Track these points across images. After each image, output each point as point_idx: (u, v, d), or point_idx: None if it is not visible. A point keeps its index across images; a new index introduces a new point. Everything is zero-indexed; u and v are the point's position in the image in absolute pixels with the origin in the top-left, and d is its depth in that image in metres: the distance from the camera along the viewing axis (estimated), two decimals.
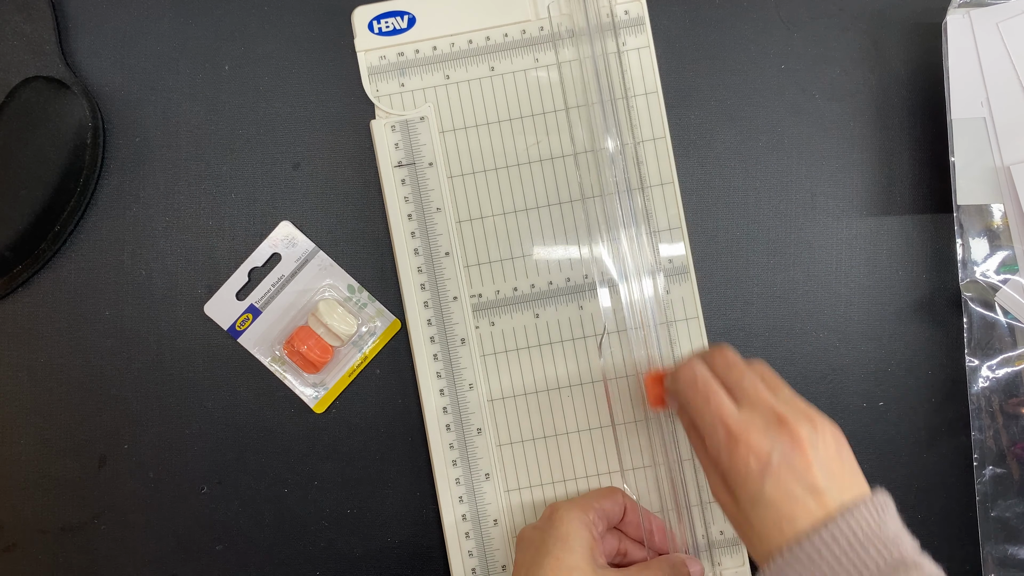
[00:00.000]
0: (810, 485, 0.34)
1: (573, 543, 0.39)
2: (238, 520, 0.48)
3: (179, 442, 0.47)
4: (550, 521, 0.41)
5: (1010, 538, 0.46)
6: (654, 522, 0.45)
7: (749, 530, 0.35)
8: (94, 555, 0.47)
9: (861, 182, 0.49)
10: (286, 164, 0.48)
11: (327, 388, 0.47)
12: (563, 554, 0.39)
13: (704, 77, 0.49)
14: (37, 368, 0.47)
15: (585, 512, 0.41)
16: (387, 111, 0.48)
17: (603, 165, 0.47)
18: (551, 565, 0.38)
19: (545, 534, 0.40)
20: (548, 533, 0.40)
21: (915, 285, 0.48)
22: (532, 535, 0.41)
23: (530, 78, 0.48)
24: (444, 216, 0.47)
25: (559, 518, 0.40)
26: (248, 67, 0.48)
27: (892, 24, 0.49)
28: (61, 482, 0.47)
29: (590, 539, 0.40)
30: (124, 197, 0.48)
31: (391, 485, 0.48)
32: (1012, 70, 0.46)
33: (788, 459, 0.34)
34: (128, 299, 0.48)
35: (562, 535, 0.40)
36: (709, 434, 0.36)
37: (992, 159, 0.46)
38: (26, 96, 0.45)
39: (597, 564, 0.40)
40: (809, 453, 0.34)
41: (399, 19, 0.47)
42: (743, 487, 0.35)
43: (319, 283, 0.47)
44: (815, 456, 0.35)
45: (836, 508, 0.34)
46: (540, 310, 0.47)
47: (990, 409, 0.46)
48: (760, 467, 0.34)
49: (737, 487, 0.35)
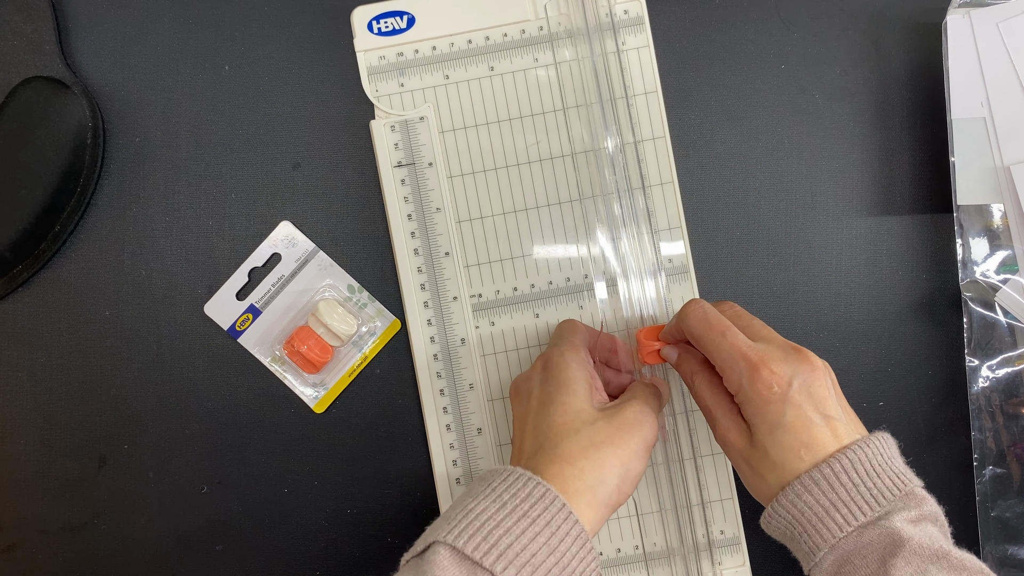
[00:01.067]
0: (826, 414, 0.36)
1: (575, 387, 0.39)
2: (238, 520, 0.48)
3: (179, 442, 0.47)
4: (547, 370, 0.41)
5: (1010, 538, 0.46)
6: (616, 341, 0.45)
7: (763, 461, 0.36)
8: (94, 555, 0.47)
9: (861, 182, 0.49)
10: (286, 164, 0.48)
11: (327, 388, 0.47)
12: (567, 398, 0.39)
13: (704, 77, 0.49)
14: (37, 368, 0.47)
15: (577, 353, 0.41)
16: (387, 111, 0.48)
17: (602, 165, 0.47)
18: (558, 411, 0.38)
19: (546, 383, 0.40)
20: (548, 380, 0.40)
21: (915, 285, 0.48)
22: (529, 386, 0.41)
23: (529, 78, 0.48)
24: (444, 216, 0.47)
25: (556, 364, 0.40)
26: (248, 67, 0.48)
27: (892, 24, 0.49)
28: (61, 482, 0.47)
29: (588, 379, 0.40)
30: (124, 197, 0.48)
31: (391, 485, 0.48)
32: (1012, 70, 0.46)
33: (807, 386, 0.36)
34: (128, 299, 0.48)
35: (563, 380, 0.39)
36: (729, 366, 0.37)
37: (992, 159, 0.46)
38: (26, 96, 0.45)
39: (595, 403, 0.40)
40: (826, 382, 0.36)
41: (398, 19, 0.47)
42: (763, 414, 0.36)
43: (319, 283, 0.48)
44: (830, 387, 0.37)
45: (848, 438, 0.36)
46: (540, 310, 0.47)
47: (990, 409, 0.46)
48: (781, 392, 0.36)
49: (756, 415, 0.36)
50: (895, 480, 0.35)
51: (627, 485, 0.37)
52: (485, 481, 0.36)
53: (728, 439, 0.38)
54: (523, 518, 0.34)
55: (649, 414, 0.39)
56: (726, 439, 0.38)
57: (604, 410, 0.39)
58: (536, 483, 0.35)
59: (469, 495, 0.35)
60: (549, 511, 0.34)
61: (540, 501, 0.34)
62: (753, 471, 0.37)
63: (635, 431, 0.38)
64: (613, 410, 0.39)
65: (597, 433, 0.37)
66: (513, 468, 0.36)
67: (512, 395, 0.42)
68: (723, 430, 0.38)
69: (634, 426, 0.38)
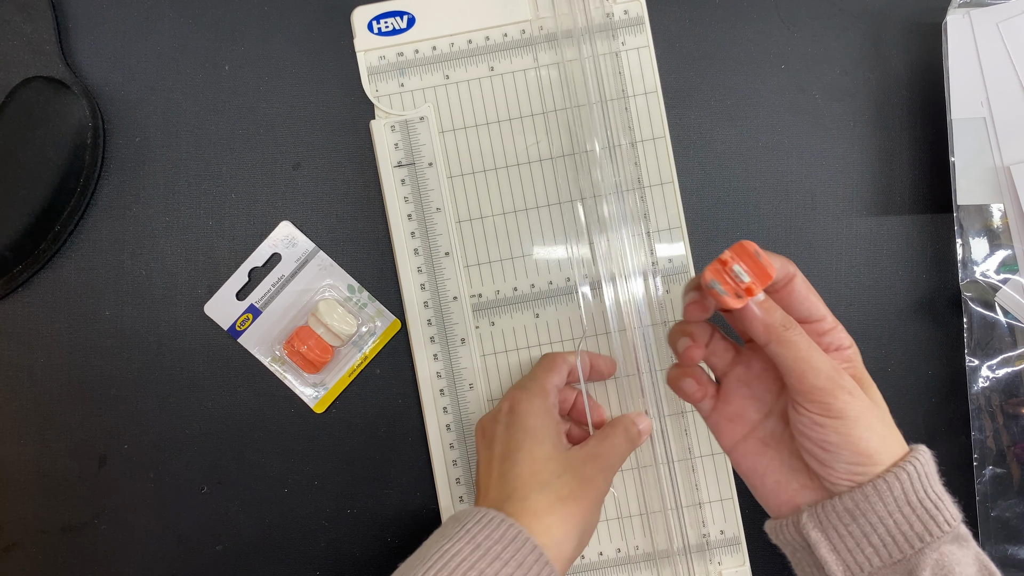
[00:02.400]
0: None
1: (542, 434, 0.40)
2: (238, 520, 0.48)
3: (179, 442, 0.47)
4: (514, 415, 0.41)
5: (1010, 538, 0.46)
6: (598, 363, 0.46)
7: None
8: (94, 555, 0.47)
9: (861, 182, 0.49)
10: (286, 164, 0.48)
11: (327, 388, 0.47)
12: (535, 446, 0.39)
13: (704, 77, 0.49)
14: (37, 368, 0.47)
15: (545, 398, 0.41)
16: (387, 111, 0.48)
17: (602, 165, 0.47)
18: (525, 459, 0.39)
19: (512, 428, 0.40)
20: (514, 426, 0.40)
21: (915, 285, 0.48)
22: (496, 429, 0.41)
23: (529, 78, 0.48)
24: (444, 216, 0.47)
25: (523, 411, 0.41)
26: (248, 67, 0.48)
27: (892, 24, 0.49)
28: (61, 482, 0.47)
29: (555, 425, 0.41)
30: (124, 197, 0.48)
31: (391, 485, 0.48)
32: (1012, 70, 0.46)
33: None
34: (128, 299, 0.48)
35: (530, 427, 0.40)
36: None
37: (992, 159, 0.46)
38: (26, 96, 0.45)
39: (564, 447, 0.40)
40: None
41: (399, 19, 0.47)
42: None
43: (319, 283, 0.48)
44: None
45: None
46: (540, 310, 0.47)
47: (990, 409, 0.46)
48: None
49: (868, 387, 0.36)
50: (934, 501, 0.33)
51: (587, 538, 0.39)
52: (459, 522, 0.37)
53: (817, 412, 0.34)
54: (496, 560, 0.35)
55: (609, 469, 0.40)
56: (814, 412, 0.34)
57: (570, 458, 0.40)
58: (509, 525, 0.36)
59: (443, 536, 0.36)
60: (521, 552, 0.35)
61: (513, 543, 0.35)
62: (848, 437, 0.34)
63: (596, 486, 0.39)
64: (579, 459, 0.40)
65: (564, 486, 0.38)
66: (487, 510, 0.37)
67: (478, 436, 0.43)
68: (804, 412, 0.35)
69: (594, 480, 0.39)
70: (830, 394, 0.33)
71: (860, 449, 0.33)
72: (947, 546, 0.33)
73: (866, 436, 0.33)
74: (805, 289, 0.36)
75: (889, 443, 0.34)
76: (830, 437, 0.33)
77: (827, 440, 0.33)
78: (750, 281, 0.33)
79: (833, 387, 0.33)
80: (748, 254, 0.33)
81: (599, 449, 0.41)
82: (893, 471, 0.33)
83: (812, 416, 0.34)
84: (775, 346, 0.34)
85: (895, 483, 0.33)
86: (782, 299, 0.36)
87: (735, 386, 0.39)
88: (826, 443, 0.34)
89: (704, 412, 0.40)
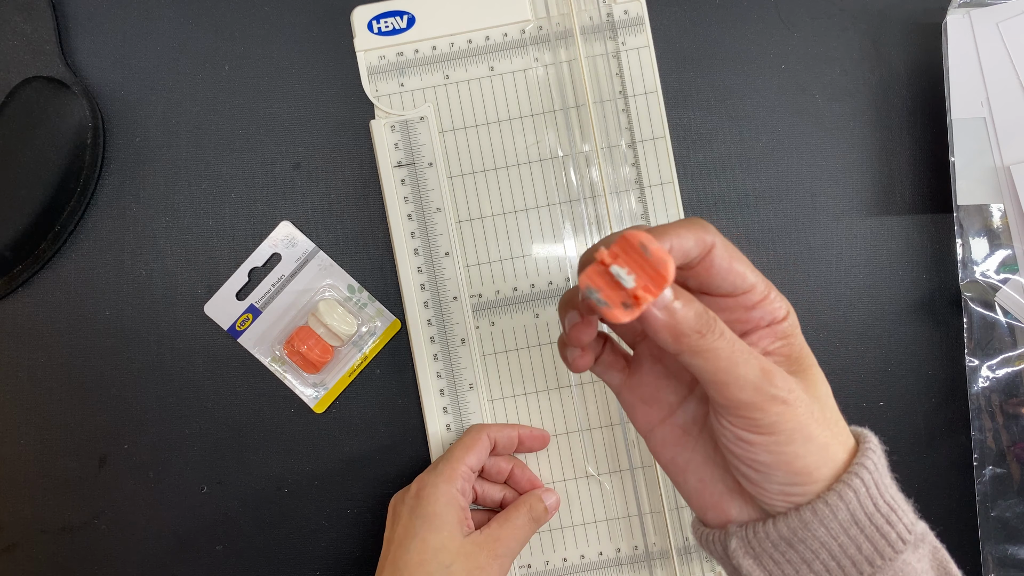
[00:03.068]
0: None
1: (439, 522, 0.39)
2: (238, 520, 0.48)
3: (179, 442, 0.47)
4: (417, 499, 0.40)
5: (1010, 538, 0.46)
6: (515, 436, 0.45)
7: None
8: (94, 555, 0.47)
9: (861, 182, 0.49)
10: (286, 164, 0.48)
11: (327, 388, 0.47)
12: (429, 535, 0.39)
13: (704, 77, 0.49)
14: (37, 368, 0.47)
15: (452, 484, 0.41)
16: (387, 111, 0.47)
17: (602, 164, 0.47)
18: (417, 548, 0.39)
19: (413, 513, 0.40)
20: (416, 512, 0.40)
21: (915, 285, 0.48)
22: (401, 511, 0.41)
23: (529, 78, 0.48)
24: (444, 216, 0.47)
25: (426, 496, 0.40)
26: (248, 67, 0.48)
27: (892, 24, 0.49)
28: (61, 482, 0.47)
29: (457, 512, 0.40)
30: (124, 197, 0.48)
31: (391, 485, 0.48)
32: (1012, 70, 0.46)
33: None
34: (128, 299, 0.48)
35: (429, 514, 0.39)
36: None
37: (992, 159, 0.46)
38: (26, 96, 0.45)
39: (464, 535, 0.40)
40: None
41: (398, 19, 0.47)
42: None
43: (319, 283, 0.47)
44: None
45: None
46: (540, 310, 0.47)
47: (990, 409, 0.46)
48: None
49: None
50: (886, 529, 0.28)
51: None
52: None
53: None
54: None
55: (506, 555, 0.40)
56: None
57: (464, 546, 0.39)
58: None
59: None
60: None
61: None
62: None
63: (489, 573, 0.39)
64: (474, 546, 0.39)
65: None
66: None
67: (389, 514, 0.43)
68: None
69: (487, 568, 0.39)
70: (758, 408, 0.27)
71: (796, 468, 0.28)
72: (902, 556, 0.28)
73: (802, 452, 0.28)
74: (728, 258, 0.29)
75: (831, 450, 0.29)
76: (759, 456, 0.28)
77: (756, 460, 0.28)
78: (635, 286, 0.25)
79: (762, 400, 0.27)
80: (632, 248, 0.25)
81: (499, 533, 0.41)
82: (836, 489, 0.28)
83: (737, 432, 0.28)
84: (688, 357, 0.27)
85: (839, 504, 0.28)
86: (699, 275, 0.29)
87: (648, 362, 0.33)
88: (755, 462, 0.28)
89: (614, 387, 0.34)
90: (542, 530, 0.47)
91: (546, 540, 0.47)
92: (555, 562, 0.47)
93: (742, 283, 0.29)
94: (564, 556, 0.47)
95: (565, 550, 0.47)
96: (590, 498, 0.47)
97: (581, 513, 0.47)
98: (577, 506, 0.47)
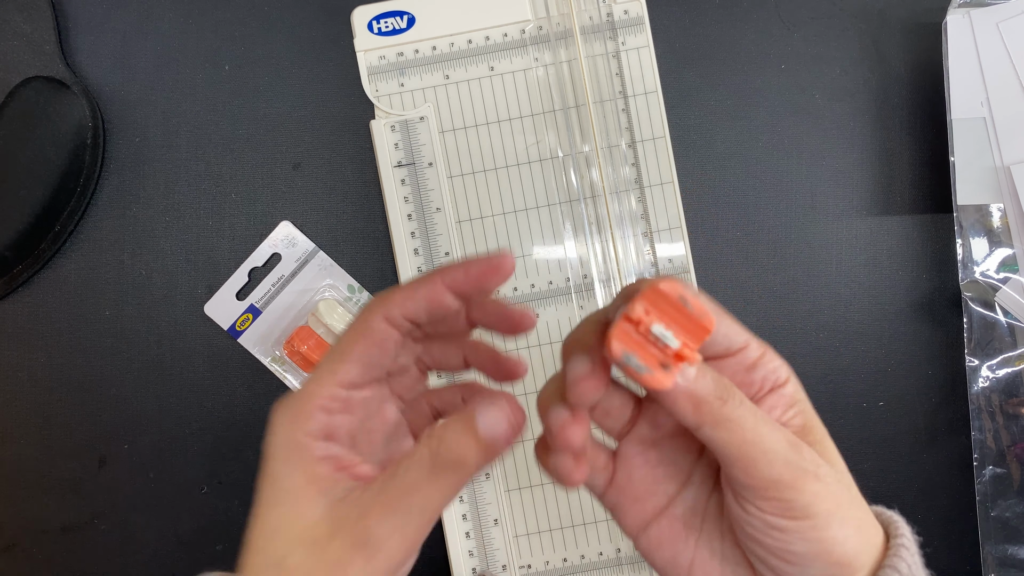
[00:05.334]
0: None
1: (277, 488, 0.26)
2: (238, 520, 0.47)
3: (179, 442, 0.47)
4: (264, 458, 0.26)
5: (1010, 538, 0.46)
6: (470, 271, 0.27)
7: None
8: (94, 555, 0.47)
9: (861, 182, 0.49)
10: (286, 164, 0.48)
11: None
12: (265, 509, 0.26)
13: (704, 77, 0.49)
14: (37, 368, 0.47)
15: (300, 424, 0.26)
16: (387, 111, 0.48)
17: (602, 164, 0.47)
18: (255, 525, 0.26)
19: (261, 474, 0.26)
20: (261, 473, 0.26)
21: (915, 285, 0.48)
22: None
23: (529, 78, 0.48)
24: (444, 216, 0.47)
25: (267, 445, 0.26)
26: (248, 67, 0.48)
27: (892, 24, 0.49)
28: (61, 482, 0.47)
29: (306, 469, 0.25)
30: (124, 197, 0.48)
31: None
32: (1012, 70, 0.46)
33: None
34: (128, 299, 0.48)
35: (267, 474, 0.26)
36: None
37: (992, 159, 0.46)
38: (26, 96, 0.45)
39: (325, 502, 0.25)
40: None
41: (398, 19, 0.47)
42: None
43: (319, 283, 0.47)
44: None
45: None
46: (540, 310, 0.47)
47: (990, 409, 0.46)
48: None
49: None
50: None
51: None
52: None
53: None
54: None
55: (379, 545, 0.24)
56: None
57: (313, 528, 0.25)
58: None
59: None
60: None
61: None
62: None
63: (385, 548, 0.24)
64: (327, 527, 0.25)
65: (300, 568, 0.24)
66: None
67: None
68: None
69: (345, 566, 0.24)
70: (791, 487, 0.23)
71: (835, 558, 0.24)
72: None
73: (842, 537, 0.24)
74: (718, 312, 0.24)
75: (868, 532, 0.25)
76: (794, 546, 0.24)
77: (790, 550, 0.24)
78: (680, 345, 0.22)
79: (794, 477, 0.23)
80: (667, 302, 0.22)
81: (374, 502, 0.25)
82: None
83: (767, 518, 0.24)
84: (709, 430, 0.23)
85: None
86: None
87: (638, 451, 0.28)
88: (789, 554, 0.24)
89: (596, 491, 0.28)
90: (542, 530, 0.47)
91: (546, 540, 0.47)
92: (555, 562, 0.47)
93: (736, 338, 0.25)
94: (564, 556, 0.47)
95: (565, 550, 0.47)
96: (590, 498, 0.47)
97: (581, 513, 0.47)
98: (577, 506, 0.47)
